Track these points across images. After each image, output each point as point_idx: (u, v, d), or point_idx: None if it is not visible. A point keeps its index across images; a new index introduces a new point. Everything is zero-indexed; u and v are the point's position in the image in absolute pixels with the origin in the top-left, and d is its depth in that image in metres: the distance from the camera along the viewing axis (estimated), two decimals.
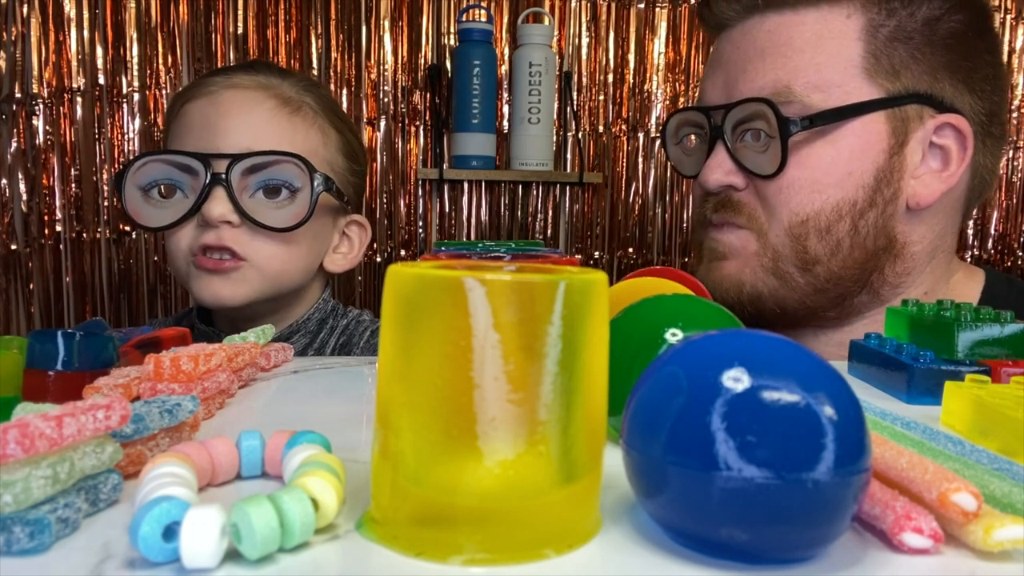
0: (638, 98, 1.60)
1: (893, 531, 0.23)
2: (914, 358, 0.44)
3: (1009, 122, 1.64)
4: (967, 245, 1.66)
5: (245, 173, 0.76)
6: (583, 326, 0.23)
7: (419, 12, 1.54)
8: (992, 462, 0.28)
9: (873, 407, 0.35)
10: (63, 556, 0.22)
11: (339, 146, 0.86)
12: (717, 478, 0.21)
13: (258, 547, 0.21)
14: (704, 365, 0.22)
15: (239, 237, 0.77)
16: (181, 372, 0.35)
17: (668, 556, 0.23)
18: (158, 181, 0.77)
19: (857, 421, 0.22)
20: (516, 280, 0.22)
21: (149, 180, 0.77)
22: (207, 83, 0.82)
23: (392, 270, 0.23)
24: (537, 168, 1.51)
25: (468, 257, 0.40)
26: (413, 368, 0.23)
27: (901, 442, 0.30)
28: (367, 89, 1.53)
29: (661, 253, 1.64)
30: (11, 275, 1.46)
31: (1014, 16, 1.63)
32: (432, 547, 0.22)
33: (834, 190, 0.70)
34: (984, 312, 0.46)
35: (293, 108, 0.82)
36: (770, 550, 0.22)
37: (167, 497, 0.21)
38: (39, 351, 0.36)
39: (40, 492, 0.22)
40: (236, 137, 0.77)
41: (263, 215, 0.76)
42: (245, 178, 0.76)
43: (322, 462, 0.25)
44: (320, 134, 0.84)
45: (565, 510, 0.23)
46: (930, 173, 0.71)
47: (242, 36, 1.49)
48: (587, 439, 0.23)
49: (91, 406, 0.24)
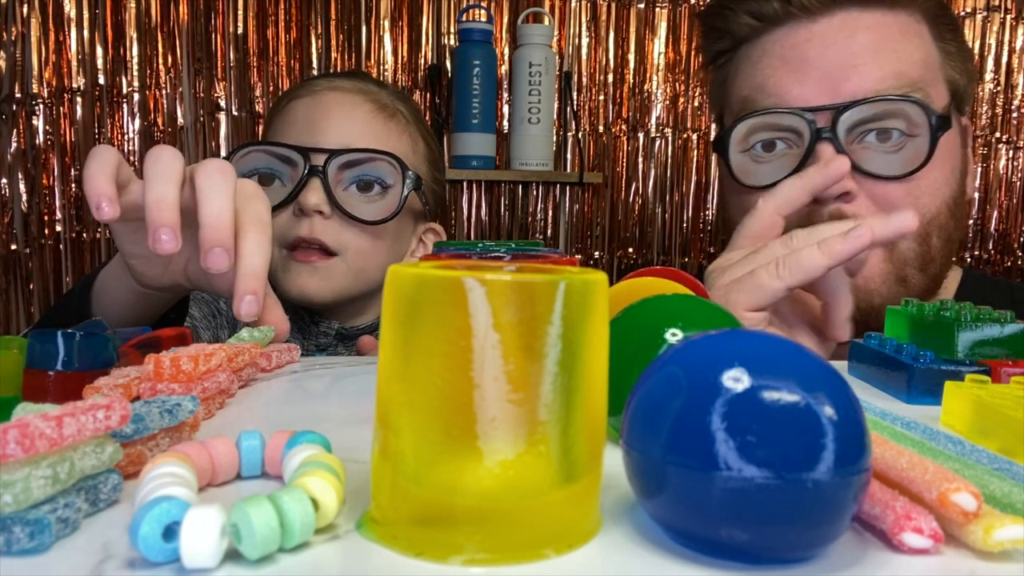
0: (638, 98, 1.60)
1: (893, 531, 0.23)
2: (914, 358, 0.44)
3: (1009, 122, 1.64)
4: (967, 245, 1.66)
5: (342, 168, 0.80)
6: (583, 326, 0.23)
7: (419, 12, 1.54)
8: (992, 462, 0.28)
9: (873, 407, 0.35)
10: (63, 556, 0.22)
11: (425, 155, 0.91)
12: (717, 478, 0.21)
13: (258, 547, 0.21)
14: (704, 365, 0.22)
15: (329, 230, 0.80)
16: (181, 372, 0.35)
17: (668, 556, 0.23)
18: (259, 170, 0.81)
19: (857, 421, 0.22)
20: (516, 280, 0.22)
21: (250, 168, 0.81)
22: (312, 84, 0.88)
23: (392, 270, 0.23)
24: (537, 168, 1.51)
25: (468, 257, 0.40)
26: (413, 368, 0.23)
27: (901, 442, 0.30)
28: None
29: (661, 253, 1.64)
30: (11, 275, 1.46)
31: (1014, 16, 1.62)
32: (432, 547, 0.22)
33: (946, 188, 0.71)
34: (984, 312, 0.46)
35: (389, 114, 0.87)
36: (770, 550, 0.22)
37: (167, 497, 0.21)
38: (39, 351, 0.36)
39: (40, 492, 0.22)
40: (336, 135, 0.82)
41: (355, 207, 0.80)
42: (341, 172, 0.81)
43: (322, 462, 0.25)
44: (411, 141, 0.89)
45: (565, 510, 0.23)
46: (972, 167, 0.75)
47: (242, 36, 1.49)
48: (587, 439, 0.23)
49: (91, 406, 0.24)
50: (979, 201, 1.65)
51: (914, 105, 0.66)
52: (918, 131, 0.67)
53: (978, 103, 1.63)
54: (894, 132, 0.67)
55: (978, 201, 1.65)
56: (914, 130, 0.67)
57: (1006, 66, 1.64)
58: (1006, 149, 1.64)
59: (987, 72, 1.63)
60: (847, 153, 0.66)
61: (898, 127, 0.67)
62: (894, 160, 0.67)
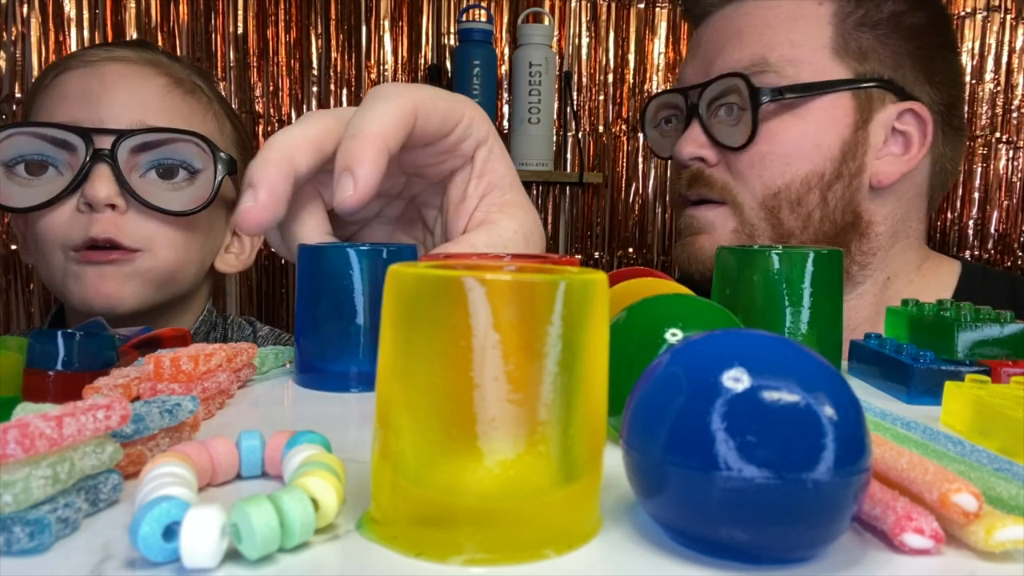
0: (638, 98, 1.60)
1: (894, 532, 0.23)
2: (914, 358, 0.44)
3: (1010, 121, 1.64)
4: (967, 245, 1.66)
5: (135, 151, 0.67)
6: (583, 326, 0.23)
7: (419, 12, 1.54)
8: (992, 462, 0.28)
9: (873, 407, 0.35)
10: (63, 556, 0.22)
11: (234, 138, 0.79)
12: (717, 478, 0.21)
13: (258, 547, 0.21)
14: (704, 365, 0.22)
15: (128, 225, 0.67)
16: (181, 372, 0.35)
17: (668, 556, 0.23)
18: (24, 157, 0.67)
19: (857, 421, 0.22)
20: (516, 280, 0.22)
21: (14, 155, 0.67)
22: (86, 54, 0.72)
23: (392, 270, 0.23)
24: (537, 168, 1.51)
25: (468, 257, 0.40)
26: (413, 368, 0.23)
27: (902, 443, 0.30)
28: (367, 89, 1.53)
29: (661, 253, 1.64)
30: (11, 275, 1.46)
31: (1014, 16, 1.62)
32: (432, 547, 0.22)
33: (803, 163, 0.73)
34: (984, 312, 0.46)
35: (187, 89, 0.74)
36: (770, 550, 0.22)
37: (167, 497, 0.21)
38: (39, 351, 0.36)
39: (40, 492, 0.22)
40: (123, 112, 0.68)
41: (157, 197, 0.67)
42: (135, 156, 0.68)
43: (322, 462, 0.25)
44: (216, 122, 0.77)
45: (565, 510, 0.23)
46: (892, 155, 0.75)
47: (242, 36, 1.49)
48: (587, 439, 0.23)
49: (91, 406, 0.24)
50: (979, 201, 1.65)
51: (740, 80, 0.72)
52: (747, 105, 0.72)
53: (978, 103, 1.63)
54: (734, 107, 0.74)
55: (978, 201, 1.65)
56: (745, 104, 0.73)
57: (1006, 66, 1.64)
58: (1006, 149, 1.64)
59: (987, 72, 1.63)
60: (708, 127, 0.75)
61: (736, 102, 0.74)
62: (735, 132, 0.74)
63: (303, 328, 0.43)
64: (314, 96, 1.52)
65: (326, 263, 0.42)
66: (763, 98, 0.72)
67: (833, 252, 0.48)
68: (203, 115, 0.75)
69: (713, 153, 0.75)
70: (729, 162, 0.75)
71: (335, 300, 0.42)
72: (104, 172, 0.65)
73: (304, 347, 0.43)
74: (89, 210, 0.66)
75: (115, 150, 0.65)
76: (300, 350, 0.44)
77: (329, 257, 0.42)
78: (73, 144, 0.66)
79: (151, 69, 0.73)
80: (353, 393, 0.42)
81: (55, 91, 0.71)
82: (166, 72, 0.73)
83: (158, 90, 0.71)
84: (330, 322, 0.42)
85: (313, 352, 0.43)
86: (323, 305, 0.42)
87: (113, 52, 0.73)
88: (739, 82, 0.72)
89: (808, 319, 0.47)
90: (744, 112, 0.73)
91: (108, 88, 0.69)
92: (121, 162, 0.66)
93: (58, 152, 0.67)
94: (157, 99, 0.71)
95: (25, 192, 0.67)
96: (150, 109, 0.70)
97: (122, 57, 0.72)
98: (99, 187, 0.65)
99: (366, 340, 0.42)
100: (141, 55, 0.74)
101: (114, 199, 0.66)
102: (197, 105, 0.75)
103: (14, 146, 0.67)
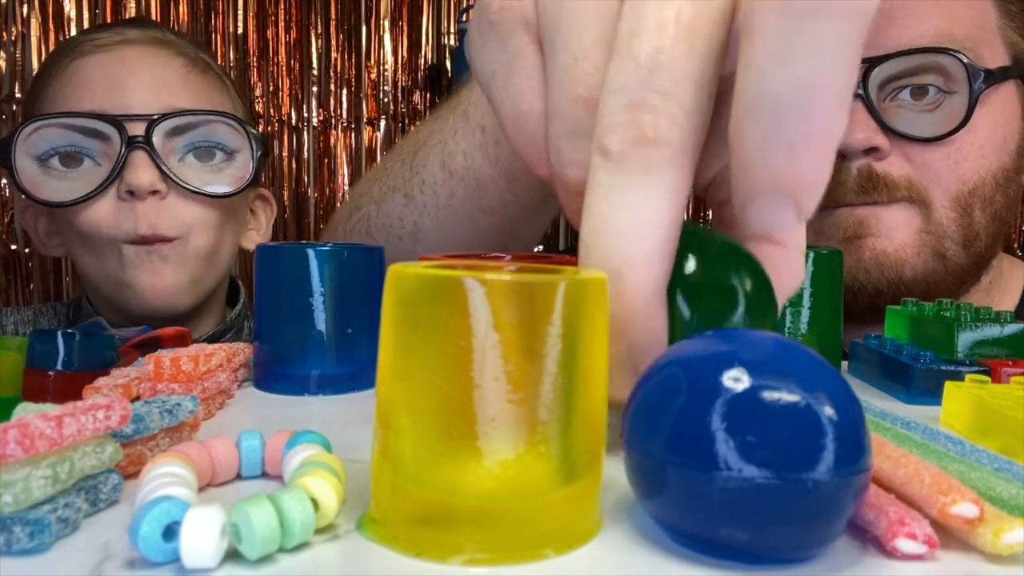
0: None
1: (887, 537, 0.23)
2: (914, 358, 0.44)
3: None
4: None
5: (169, 135, 0.67)
6: (583, 326, 0.23)
7: (419, 12, 1.54)
8: (992, 462, 0.28)
9: (873, 407, 0.35)
10: (63, 556, 0.22)
11: (246, 114, 0.78)
12: (717, 478, 0.21)
13: (258, 547, 0.21)
14: (704, 365, 0.22)
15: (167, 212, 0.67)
16: (181, 372, 0.35)
17: (668, 556, 0.23)
18: (57, 149, 0.66)
19: (857, 421, 0.22)
20: (516, 280, 0.22)
21: (46, 149, 0.66)
22: (95, 39, 0.71)
23: (392, 270, 0.23)
24: None
25: (468, 257, 0.40)
26: (413, 368, 0.23)
27: (902, 443, 0.30)
28: (367, 89, 1.53)
29: None
30: (11, 275, 1.46)
31: None
32: (432, 547, 0.22)
33: (995, 156, 0.64)
34: (984, 312, 0.46)
35: (201, 68, 0.73)
36: (770, 550, 0.22)
37: (167, 497, 0.21)
38: (39, 351, 0.36)
39: (40, 492, 0.22)
40: (151, 96, 0.68)
41: (198, 180, 0.67)
42: (170, 141, 0.67)
43: (322, 462, 0.25)
44: (230, 100, 0.76)
45: (565, 510, 0.23)
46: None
47: (242, 36, 1.49)
48: (587, 439, 0.23)
49: (91, 406, 0.24)
50: None
51: (952, 58, 0.60)
52: (956, 87, 0.61)
53: None
54: (930, 88, 0.61)
55: None
56: (952, 86, 0.61)
57: None
58: None
59: None
60: (878, 112, 0.61)
61: (935, 83, 0.61)
62: (929, 119, 0.61)
63: (261, 330, 0.43)
64: (314, 96, 1.52)
65: (284, 264, 0.42)
66: (988, 80, 0.60)
67: (833, 252, 0.48)
68: (220, 94, 0.74)
69: (886, 142, 0.62)
70: (909, 153, 0.63)
71: (294, 302, 0.41)
72: (143, 159, 0.65)
73: (263, 349, 0.43)
74: (131, 198, 0.66)
75: (149, 136, 0.65)
76: (258, 352, 0.43)
77: (287, 258, 0.42)
78: (106, 133, 0.65)
79: (167, 50, 0.72)
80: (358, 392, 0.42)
81: (74, 79, 0.69)
82: (181, 52, 0.72)
83: (179, 71, 0.71)
84: (289, 324, 0.42)
85: (271, 355, 0.43)
86: (283, 307, 0.42)
87: (125, 34, 0.72)
88: (945, 59, 0.59)
89: (808, 319, 0.47)
90: (949, 96, 0.61)
91: (132, 73, 0.68)
92: (157, 147, 0.66)
93: (91, 142, 0.66)
94: (180, 81, 0.70)
95: (63, 185, 0.66)
96: (175, 92, 0.69)
97: (135, 39, 0.71)
98: (141, 174, 0.64)
99: (327, 343, 0.42)
100: (152, 35, 0.73)
101: (157, 184, 0.65)
102: (214, 83, 0.74)
103: (44, 139, 0.66)
